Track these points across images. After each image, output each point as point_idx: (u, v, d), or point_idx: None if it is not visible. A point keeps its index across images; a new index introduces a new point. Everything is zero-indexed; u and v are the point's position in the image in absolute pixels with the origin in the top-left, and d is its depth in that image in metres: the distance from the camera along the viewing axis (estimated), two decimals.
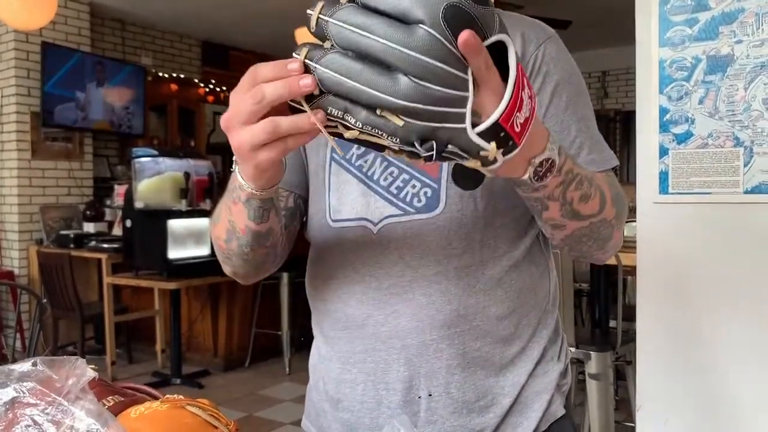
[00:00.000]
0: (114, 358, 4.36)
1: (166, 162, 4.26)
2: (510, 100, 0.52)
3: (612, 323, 2.98)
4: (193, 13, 5.69)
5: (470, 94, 0.52)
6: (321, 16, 0.52)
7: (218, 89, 6.65)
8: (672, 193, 1.88)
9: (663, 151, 1.88)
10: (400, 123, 0.51)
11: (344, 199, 0.87)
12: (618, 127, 7.05)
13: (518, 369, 0.87)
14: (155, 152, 4.33)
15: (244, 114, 0.58)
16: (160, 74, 6.18)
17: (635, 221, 1.98)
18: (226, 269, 0.90)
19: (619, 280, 2.67)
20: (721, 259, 1.84)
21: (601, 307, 3.02)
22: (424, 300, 0.82)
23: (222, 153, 6.49)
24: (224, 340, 4.53)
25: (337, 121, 0.55)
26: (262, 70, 0.57)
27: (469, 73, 0.51)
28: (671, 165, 1.87)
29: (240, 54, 6.96)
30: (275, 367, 4.50)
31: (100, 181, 5.55)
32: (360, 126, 0.53)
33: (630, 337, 2.52)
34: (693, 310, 1.90)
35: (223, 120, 0.61)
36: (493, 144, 0.53)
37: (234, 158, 0.69)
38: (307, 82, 0.54)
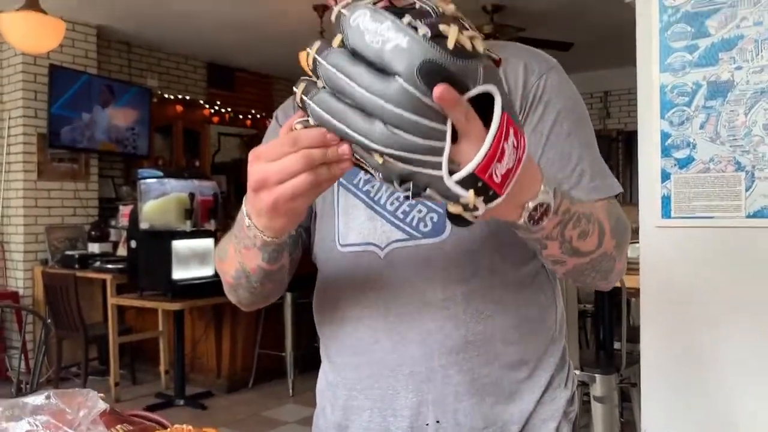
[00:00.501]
0: (118, 379, 4.34)
1: (171, 183, 4.27)
2: (487, 152, 0.54)
3: (616, 345, 2.97)
4: (199, 35, 5.75)
5: (447, 144, 0.53)
6: (315, 56, 0.56)
7: (223, 110, 6.70)
8: (674, 218, 1.88)
9: (665, 176, 1.89)
10: (380, 161, 0.54)
11: (351, 224, 0.87)
12: (620, 147, 7.07)
13: (526, 396, 0.87)
14: (160, 173, 4.35)
15: (289, 172, 0.60)
16: (166, 96, 6.23)
17: (638, 243, 1.99)
18: (231, 298, 0.90)
19: (623, 302, 2.66)
20: (723, 283, 1.84)
21: (606, 329, 3.00)
22: (432, 326, 0.82)
23: (227, 173, 6.52)
24: (228, 361, 4.51)
25: None
26: (304, 136, 0.59)
27: (449, 123, 0.53)
28: (673, 189, 1.88)
29: (245, 75, 7.02)
30: (279, 388, 4.48)
31: (105, 201, 5.56)
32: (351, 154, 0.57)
33: (634, 359, 2.51)
34: (696, 333, 1.90)
35: (261, 179, 0.61)
36: (470, 192, 0.54)
37: (246, 212, 0.70)
38: (344, 149, 0.57)
